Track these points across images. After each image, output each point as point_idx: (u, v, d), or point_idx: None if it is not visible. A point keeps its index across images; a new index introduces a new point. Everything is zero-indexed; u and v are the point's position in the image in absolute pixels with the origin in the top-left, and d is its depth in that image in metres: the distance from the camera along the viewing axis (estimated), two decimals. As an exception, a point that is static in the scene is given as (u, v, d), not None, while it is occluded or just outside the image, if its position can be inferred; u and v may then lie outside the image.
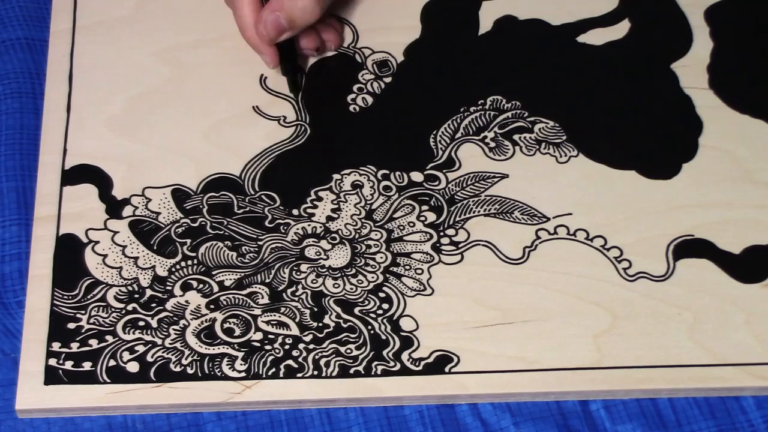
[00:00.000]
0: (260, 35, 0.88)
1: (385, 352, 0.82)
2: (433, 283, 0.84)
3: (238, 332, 0.82)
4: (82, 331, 0.81)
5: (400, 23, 0.95)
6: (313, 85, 0.92)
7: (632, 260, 0.85)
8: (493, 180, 0.88)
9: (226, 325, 0.82)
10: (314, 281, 0.84)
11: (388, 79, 0.93)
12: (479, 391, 0.81)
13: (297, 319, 0.82)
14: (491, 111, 0.91)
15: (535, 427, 0.80)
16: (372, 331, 0.82)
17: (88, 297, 0.83)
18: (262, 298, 0.83)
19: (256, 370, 0.81)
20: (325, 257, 0.85)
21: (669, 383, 0.81)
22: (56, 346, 0.81)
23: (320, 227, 0.86)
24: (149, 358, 0.81)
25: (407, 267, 0.85)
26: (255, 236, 0.86)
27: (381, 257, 0.85)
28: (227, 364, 0.81)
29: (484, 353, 0.82)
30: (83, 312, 0.82)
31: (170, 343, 0.81)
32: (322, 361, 0.81)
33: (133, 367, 0.80)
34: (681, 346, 0.82)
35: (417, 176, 0.89)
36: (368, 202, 0.87)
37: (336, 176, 0.88)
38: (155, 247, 0.85)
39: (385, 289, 0.84)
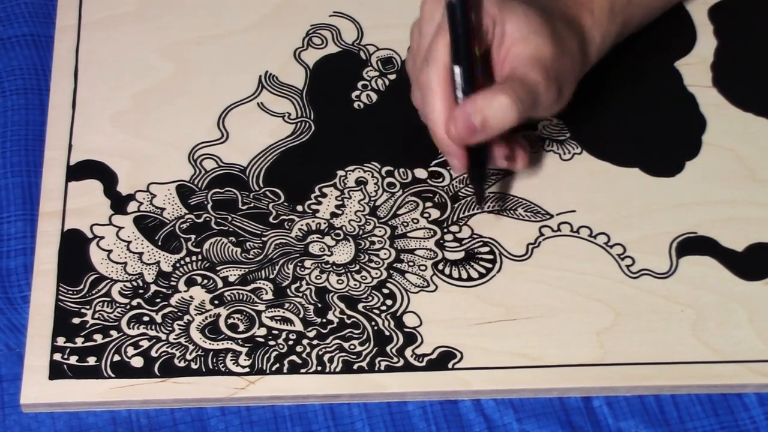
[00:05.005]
0: (450, 134, 0.80)
1: (388, 348, 0.82)
2: (437, 280, 0.84)
3: (242, 328, 0.82)
4: (87, 326, 0.82)
5: (405, 20, 0.95)
6: (318, 81, 0.93)
7: (635, 257, 0.86)
8: (496, 177, 0.88)
9: (230, 321, 0.82)
10: (318, 277, 0.84)
11: (392, 76, 0.93)
12: (482, 387, 0.81)
13: (301, 315, 0.83)
14: (495, 108, 0.91)
15: (538, 423, 0.80)
16: (375, 327, 0.82)
17: (93, 292, 0.83)
18: (266, 293, 0.83)
19: (260, 366, 0.81)
20: (329, 253, 0.85)
21: (671, 380, 0.81)
22: (61, 341, 0.81)
23: (324, 223, 0.86)
24: (153, 353, 0.81)
25: (411, 263, 0.85)
26: (259, 232, 0.86)
27: (385, 253, 0.85)
28: (231, 360, 0.81)
29: (487, 349, 0.82)
30: (88, 307, 0.82)
31: (174, 339, 0.82)
32: (326, 357, 0.81)
33: (137, 362, 0.81)
34: (684, 343, 0.82)
35: (421, 173, 0.89)
36: (372, 198, 0.88)
37: (340, 173, 0.89)
38: (160, 243, 0.85)
39: (388, 285, 0.84)
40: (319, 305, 0.83)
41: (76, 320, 0.82)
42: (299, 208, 0.87)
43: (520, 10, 0.82)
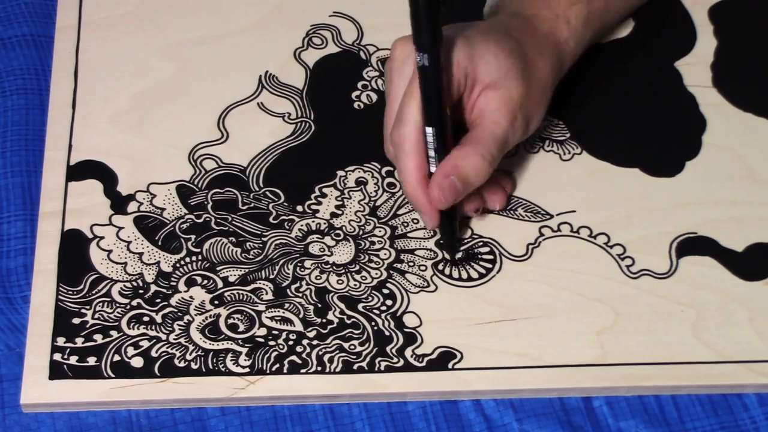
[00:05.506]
0: (435, 200, 0.82)
1: (388, 348, 0.82)
2: (437, 280, 0.84)
3: (242, 328, 0.82)
4: (87, 326, 0.82)
5: (405, 20, 0.95)
6: (318, 81, 0.93)
7: (635, 257, 0.86)
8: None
9: (230, 321, 0.82)
10: (318, 277, 0.84)
11: (392, 76, 0.93)
12: (482, 387, 0.81)
13: (301, 315, 0.83)
14: (495, 108, 0.91)
15: (538, 423, 0.80)
16: (375, 328, 0.82)
17: (93, 292, 0.83)
18: (266, 294, 0.83)
19: (260, 366, 0.81)
20: (329, 253, 0.85)
21: (671, 380, 0.81)
22: (61, 341, 0.81)
23: (324, 224, 0.86)
24: (154, 354, 0.81)
25: (411, 263, 0.85)
26: (259, 232, 0.86)
27: (385, 254, 0.85)
28: (231, 360, 0.81)
29: (487, 350, 0.82)
30: (88, 307, 0.82)
31: (174, 339, 0.82)
32: (326, 357, 0.81)
33: (137, 363, 0.81)
34: (683, 344, 0.82)
35: (421, 173, 0.89)
36: (372, 198, 0.88)
37: (340, 173, 0.89)
38: (160, 243, 0.85)
39: (388, 285, 0.84)
40: (319, 305, 0.83)
41: (76, 320, 0.82)
42: (299, 208, 0.87)
43: (491, 55, 0.82)
